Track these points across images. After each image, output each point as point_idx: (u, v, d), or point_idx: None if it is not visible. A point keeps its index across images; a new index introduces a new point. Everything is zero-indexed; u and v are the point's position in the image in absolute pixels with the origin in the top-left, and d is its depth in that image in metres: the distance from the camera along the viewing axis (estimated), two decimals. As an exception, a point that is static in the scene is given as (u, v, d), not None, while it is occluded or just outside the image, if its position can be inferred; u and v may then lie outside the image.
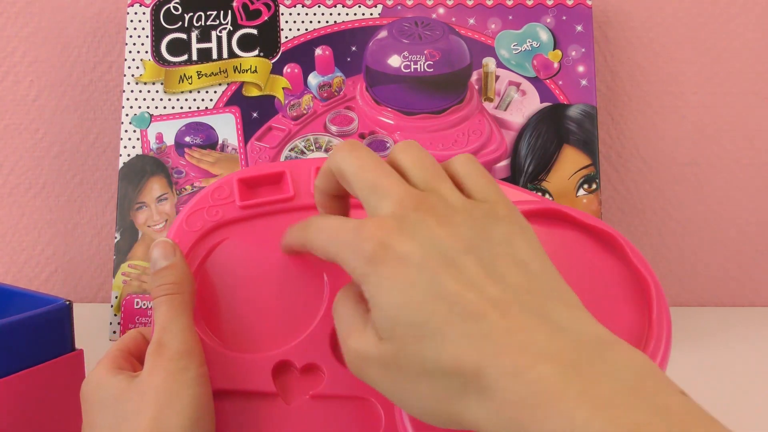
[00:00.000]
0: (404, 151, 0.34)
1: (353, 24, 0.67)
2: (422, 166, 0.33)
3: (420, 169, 0.33)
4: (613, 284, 0.38)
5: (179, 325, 0.36)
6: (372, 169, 0.32)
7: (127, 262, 0.64)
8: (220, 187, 0.41)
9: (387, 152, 0.66)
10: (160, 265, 0.38)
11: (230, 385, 0.37)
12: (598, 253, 0.38)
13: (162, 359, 0.35)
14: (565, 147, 0.66)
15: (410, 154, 0.34)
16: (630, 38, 0.75)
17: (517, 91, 0.67)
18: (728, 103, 0.76)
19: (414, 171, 0.33)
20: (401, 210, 0.31)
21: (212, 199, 0.41)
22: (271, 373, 0.37)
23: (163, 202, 0.65)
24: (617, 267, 0.38)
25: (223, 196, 0.41)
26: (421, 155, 0.34)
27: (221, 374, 0.37)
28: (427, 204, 0.31)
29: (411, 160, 0.33)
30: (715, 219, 0.77)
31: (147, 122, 0.66)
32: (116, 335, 0.62)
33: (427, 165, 0.33)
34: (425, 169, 0.33)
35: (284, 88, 0.67)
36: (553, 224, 0.39)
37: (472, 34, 0.67)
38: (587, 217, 0.39)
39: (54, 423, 0.47)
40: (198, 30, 0.67)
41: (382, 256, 0.30)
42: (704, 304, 0.79)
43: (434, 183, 0.32)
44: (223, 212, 0.40)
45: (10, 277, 0.78)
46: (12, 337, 0.44)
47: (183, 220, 0.40)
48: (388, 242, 0.30)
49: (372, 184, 0.32)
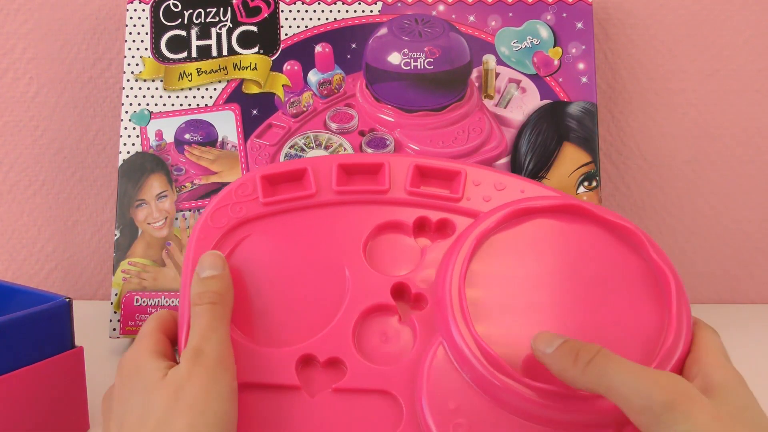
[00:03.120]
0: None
1: (353, 21, 0.67)
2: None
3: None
4: (633, 279, 0.38)
5: (218, 336, 0.37)
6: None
7: (126, 259, 0.64)
8: (243, 184, 0.41)
9: (387, 150, 0.66)
10: (207, 273, 0.39)
11: (255, 378, 0.38)
12: (619, 248, 0.38)
13: (199, 367, 0.35)
14: (565, 144, 0.66)
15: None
16: (630, 35, 0.75)
17: (518, 88, 0.67)
18: (729, 101, 0.75)
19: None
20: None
21: (236, 195, 0.41)
22: (294, 367, 0.38)
23: (163, 200, 0.65)
24: (637, 262, 0.38)
25: (247, 192, 0.41)
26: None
27: (246, 367, 0.37)
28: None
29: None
30: (715, 216, 0.77)
31: (147, 119, 0.66)
32: (116, 332, 0.62)
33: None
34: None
35: (284, 85, 0.66)
36: (574, 220, 0.39)
37: (472, 31, 0.67)
38: (608, 213, 0.39)
39: (54, 420, 0.47)
40: (198, 27, 0.67)
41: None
42: (704, 301, 0.79)
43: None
44: (247, 209, 0.41)
45: (10, 274, 0.78)
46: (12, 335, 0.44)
47: (208, 216, 0.41)
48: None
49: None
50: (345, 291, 0.39)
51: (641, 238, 0.39)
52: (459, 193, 0.41)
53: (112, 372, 0.59)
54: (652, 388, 0.32)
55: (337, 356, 0.38)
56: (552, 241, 0.39)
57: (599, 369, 0.33)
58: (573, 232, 0.39)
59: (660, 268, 0.38)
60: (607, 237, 0.39)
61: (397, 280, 0.39)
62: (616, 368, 0.33)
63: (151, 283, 0.63)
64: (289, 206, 0.41)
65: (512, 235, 0.39)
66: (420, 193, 0.41)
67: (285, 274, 0.40)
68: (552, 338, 0.35)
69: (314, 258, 0.40)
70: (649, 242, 0.39)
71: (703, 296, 0.79)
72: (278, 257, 0.40)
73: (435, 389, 0.36)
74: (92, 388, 0.50)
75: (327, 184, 0.41)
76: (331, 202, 0.41)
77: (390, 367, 0.38)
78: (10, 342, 0.44)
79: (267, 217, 0.41)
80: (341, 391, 0.38)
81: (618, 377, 0.33)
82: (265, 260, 0.40)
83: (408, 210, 0.41)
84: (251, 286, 0.40)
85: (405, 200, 0.41)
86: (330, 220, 0.41)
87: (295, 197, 0.41)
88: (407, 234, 0.41)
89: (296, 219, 0.41)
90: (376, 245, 0.41)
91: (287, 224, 0.41)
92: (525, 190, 0.41)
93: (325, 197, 0.41)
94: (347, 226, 0.41)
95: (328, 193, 0.41)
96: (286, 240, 0.40)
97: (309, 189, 0.41)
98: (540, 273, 0.39)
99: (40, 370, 0.45)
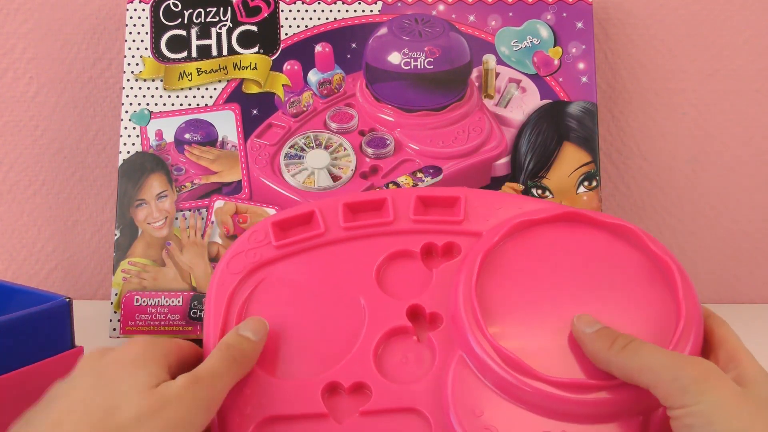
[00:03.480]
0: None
1: (353, 21, 0.67)
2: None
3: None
4: (637, 273, 0.39)
5: (222, 382, 0.38)
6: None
7: (126, 259, 0.64)
8: (255, 231, 0.44)
9: (387, 150, 0.66)
10: (245, 334, 0.40)
11: (282, 411, 0.39)
12: (620, 247, 0.40)
13: (193, 389, 0.36)
14: (565, 144, 0.66)
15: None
16: (630, 35, 0.75)
17: (518, 88, 0.67)
18: (729, 101, 0.75)
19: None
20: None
21: (249, 242, 0.44)
22: (320, 396, 0.39)
23: (163, 199, 0.65)
24: (639, 257, 0.40)
25: (259, 239, 0.44)
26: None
27: (273, 401, 0.39)
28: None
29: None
30: (715, 216, 0.77)
31: (147, 119, 0.66)
32: (116, 332, 0.62)
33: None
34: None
35: (284, 85, 0.66)
36: (574, 227, 0.41)
37: (472, 31, 0.67)
38: (604, 216, 0.41)
39: (54, 420, 0.47)
40: (198, 27, 0.67)
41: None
42: (704, 301, 0.78)
43: None
44: (261, 254, 0.43)
45: (10, 274, 0.78)
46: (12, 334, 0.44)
47: (224, 264, 0.43)
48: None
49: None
50: (362, 319, 0.41)
51: (639, 234, 0.40)
52: (460, 216, 0.43)
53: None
54: (683, 364, 0.34)
55: (361, 380, 0.39)
56: (555, 248, 0.41)
57: (632, 352, 0.35)
58: (574, 238, 0.41)
59: (661, 258, 0.39)
60: (607, 238, 0.41)
61: (411, 303, 0.41)
62: (649, 351, 0.35)
63: (151, 283, 0.63)
64: (301, 247, 0.43)
65: (516, 246, 0.41)
66: (423, 220, 0.44)
67: (303, 311, 0.42)
68: (594, 321, 0.37)
69: (329, 292, 0.42)
70: (647, 237, 0.40)
71: (703, 296, 0.78)
72: (295, 296, 0.42)
73: (460, 400, 0.37)
74: (92, 387, 0.50)
75: (335, 223, 0.44)
76: (340, 238, 0.43)
77: (413, 385, 0.39)
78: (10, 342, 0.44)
79: (281, 259, 0.43)
80: (368, 414, 0.38)
81: (650, 357, 0.35)
82: (283, 300, 0.42)
83: (414, 237, 0.43)
84: (272, 324, 0.41)
85: (410, 229, 0.43)
86: (341, 255, 0.43)
87: (306, 238, 0.43)
88: (416, 260, 0.43)
89: (308, 258, 0.43)
90: (388, 273, 0.43)
91: (300, 264, 0.43)
92: (522, 205, 0.43)
93: (334, 235, 0.43)
94: (358, 258, 0.43)
95: (337, 231, 0.43)
96: (300, 279, 0.42)
97: (318, 229, 0.43)
98: (547, 277, 0.40)
99: (40, 370, 0.45)
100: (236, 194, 0.65)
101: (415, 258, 0.43)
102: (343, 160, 0.66)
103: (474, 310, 0.38)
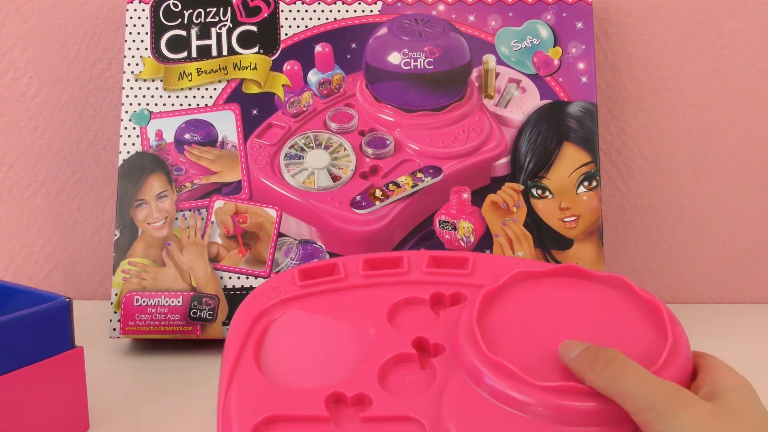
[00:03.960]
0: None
1: (353, 21, 0.67)
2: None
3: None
4: (628, 311, 0.43)
5: None
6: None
7: (126, 259, 0.64)
8: (282, 275, 0.50)
9: (387, 150, 0.66)
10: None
11: (286, 411, 0.41)
12: (613, 293, 0.43)
13: None
14: (565, 144, 0.66)
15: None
16: (630, 35, 0.75)
17: (518, 88, 0.67)
18: (729, 101, 0.75)
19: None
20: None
21: (275, 282, 0.49)
22: (323, 402, 0.41)
23: (163, 200, 0.65)
24: (630, 300, 0.43)
25: (285, 280, 0.49)
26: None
27: (278, 403, 0.41)
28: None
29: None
30: (716, 216, 0.77)
31: (147, 119, 0.66)
32: (116, 332, 0.62)
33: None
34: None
35: (284, 85, 0.66)
36: (570, 280, 0.45)
37: (472, 31, 0.67)
38: (596, 272, 0.45)
39: (54, 420, 0.47)
40: (198, 27, 0.67)
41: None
42: (704, 301, 0.79)
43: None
44: (285, 290, 0.48)
45: (10, 274, 0.78)
46: (12, 335, 0.44)
47: (251, 297, 0.48)
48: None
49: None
50: (370, 345, 0.44)
51: (627, 282, 0.43)
52: (468, 270, 0.48)
53: (112, 372, 0.59)
54: (655, 393, 0.35)
55: (364, 392, 0.41)
56: (552, 293, 0.44)
57: (612, 374, 0.37)
58: (569, 287, 0.44)
59: (650, 300, 0.42)
60: (600, 287, 0.44)
61: (417, 335, 0.44)
62: (627, 374, 0.37)
63: (151, 283, 0.63)
64: (322, 288, 0.48)
65: (516, 291, 0.44)
66: (435, 272, 0.48)
67: (315, 334, 0.45)
68: (575, 345, 0.39)
69: (343, 324, 0.45)
70: (634, 285, 0.43)
71: (703, 296, 0.79)
72: (311, 323, 0.46)
73: (458, 409, 0.39)
74: (92, 388, 0.50)
75: (355, 271, 0.49)
76: (358, 284, 0.48)
77: (414, 398, 0.41)
78: (10, 342, 0.44)
79: (303, 297, 0.47)
80: (368, 420, 0.40)
81: (627, 384, 0.36)
82: (300, 326, 0.46)
83: (425, 287, 0.48)
84: (287, 347, 0.45)
85: (422, 280, 0.48)
86: (357, 297, 0.47)
87: (327, 281, 0.48)
88: (425, 306, 0.47)
89: (328, 297, 0.47)
90: (398, 314, 0.47)
91: (320, 301, 0.47)
92: (528, 265, 0.47)
93: (353, 281, 0.48)
94: (372, 300, 0.47)
95: (356, 278, 0.48)
96: (318, 311, 0.46)
97: (339, 274, 0.48)
98: (544, 314, 0.43)
99: (41, 370, 0.45)
100: (236, 194, 0.65)
101: (425, 304, 0.47)
102: (343, 160, 0.66)
103: (473, 332, 0.40)
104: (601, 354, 0.38)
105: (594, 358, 0.38)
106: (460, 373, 0.40)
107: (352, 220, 0.64)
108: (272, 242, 0.64)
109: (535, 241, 0.65)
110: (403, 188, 0.65)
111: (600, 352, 0.38)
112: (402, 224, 0.65)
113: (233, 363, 0.44)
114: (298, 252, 0.64)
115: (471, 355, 0.40)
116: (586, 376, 0.38)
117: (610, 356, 0.37)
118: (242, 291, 0.63)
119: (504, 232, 0.65)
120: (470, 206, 0.65)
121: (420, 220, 0.65)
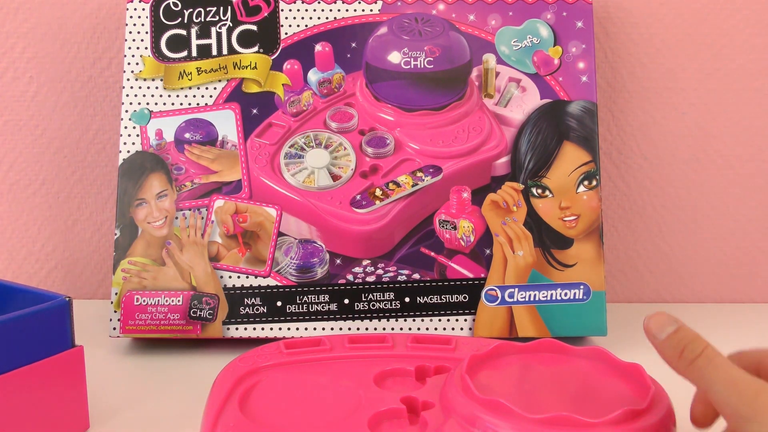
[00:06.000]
0: None
1: (353, 20, 0.67)
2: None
3: None
4: (609, 373, 0.44)
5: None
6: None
7: (126, 258, 0.64)
8: (268, 345, 0.51)
9: (387, 149, 0.66)
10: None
11: None
12: (589, 363, 0.45)
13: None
14: (565, 143, 0.66)
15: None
16: (631, 34, 0.75)
17: (518, 87, 0.67)
18: (729, 100, 0.75)
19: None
20: None
21: (261, 350, 0.50)
22: None
23: (163, 199, 0.65)
24: (608, 369, 0.45)
25: (271, 349, 0.50)
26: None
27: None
28: None
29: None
30: (716, 216, 0.77)
31: (147, 118, 0.66)
32: (116, 332, 0.62)
33: None
34: None
35: (284, 84, 0.66)
36: (552, 355, 0.47)
37: (472, 30, 0.67)
38: (573, 347, 0.47)
39: (54, 420, 0.47)
40: (198, 26, 0.67)
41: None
42: (704, 300, 0.79)
43: None
44: (271, 356, 0.49)
45: (10, 273, 0.78)
46: (12, 334, 0.44)
47: (237, 359, 0.49)
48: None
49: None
50: (359, 401, 0.45)
51: (604, 351, 0.45)
52: (452, 346, 0.50)
53: (112, 371, 0.59)
54: (740, 396, 0.35)
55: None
56: (534, 363, 0.46)
57: (700, 371, 0.37)
58: (551, 359, 0.46)
59: (630, 365, 0.43)
60: (579, 360, 0.46)
61: (405, 395, 0.45)
62: (714, 374, 0.36)
63: (151, 282, 0.63)
64: (309, 357, 0.49)
65: (500, 361, 0.46)
66: (419, 347, 0.50)
67: (304, 393, 0.46)
68: (664, 324, 0.38)
69: (330, 387, 0.46)
70: (611, 354, 0.45)
71: (703, 296, 0.79)
72: (299, 383, 0.47)
73: None
74: (92, 387, 0.50)
75: (340, 345, 0.50)
76: (344, 356, 0.49)
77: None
78: (10, 341, 0.44)
79: (288, 364, 0.49)
80: None
81: (714, 386, 0.36)
82: (288, 385, 0.47)
83: (410, 360, 0.49)
84: (273, 401, 0.45)
85: (407, 354, 0.50)
86: (344, 365, 0.49)
87: (314, 350, 0.50)
88: (410, 376, 0.48)
89: (315, 365, 0.49)
90: (385, 380, 0.48)
91: (306, 368, 0.49)
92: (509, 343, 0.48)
93: (339, 352, 0.50)
94: (358, 368, 0.48)
95: (342, 349, 0.50)
96: (305, 376, 0.48)
97: (324, 346, 0.50)
98: (529, 378, 0.45)
99: (40, 369, 0.45)
100: (236, 193, 0.65)
101: (410, 375, 0.48)
102: (343, 160, 0.66)
103: (465, 381, 0.41)
104: (691, 345, 0.37)
105: (683, 348, 0.37)
106: (452, 421, 0.41)
107: (352, 220, 0.64)
108: (272, 241, 0.64)
109: (535, 241, 0.65)
110: (403, 187, 0.65)
111: (691, 341, 0.37)
112: (402, 223, 0.65)
113: (217, 411, 0.44)
114: (298, 251, 0.64)
115: (464, 399, 0.40)
116: (673, 364, 0.38)
117: (698, 350, 0.37)
118: (242, 290, 0.63)
119: (504, 232, 0.65)
120: (470, 205, 0.65)
121: (420, 220, 0.65)
